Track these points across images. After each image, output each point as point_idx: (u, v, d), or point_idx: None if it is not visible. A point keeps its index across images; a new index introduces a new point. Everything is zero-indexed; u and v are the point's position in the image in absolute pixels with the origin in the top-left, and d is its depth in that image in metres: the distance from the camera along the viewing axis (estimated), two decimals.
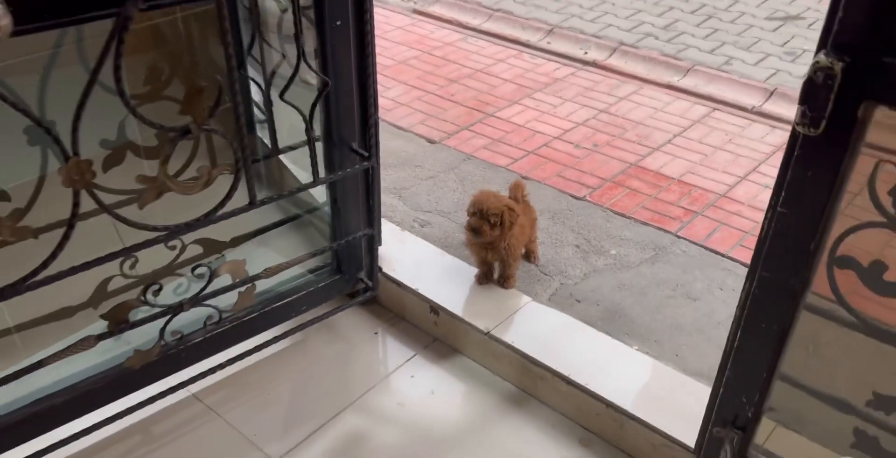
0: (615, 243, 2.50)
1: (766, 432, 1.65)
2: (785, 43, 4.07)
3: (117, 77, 1.35)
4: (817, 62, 1.03)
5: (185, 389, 1.92)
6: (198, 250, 1.90)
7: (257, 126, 2.15)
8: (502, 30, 4.19)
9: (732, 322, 1.45)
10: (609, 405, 1.84)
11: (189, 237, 1.76)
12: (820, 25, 1.07)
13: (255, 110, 2.08)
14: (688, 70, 3.74)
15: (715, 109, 3.41)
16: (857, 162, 1.17)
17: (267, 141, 2.10)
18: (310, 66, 1.66)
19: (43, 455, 1.75)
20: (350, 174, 1.93)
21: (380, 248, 2.20)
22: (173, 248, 1.75)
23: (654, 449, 1.80)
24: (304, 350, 2.14)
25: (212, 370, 1.95)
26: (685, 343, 2.07)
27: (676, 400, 1.84)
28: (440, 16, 4.37)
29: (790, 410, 1.59)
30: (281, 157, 2.19)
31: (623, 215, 2.64)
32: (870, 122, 1.11)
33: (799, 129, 1.12)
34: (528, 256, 2.38)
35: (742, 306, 1.40)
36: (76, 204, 1.46)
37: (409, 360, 2.11)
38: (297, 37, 1.60)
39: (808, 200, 1.22)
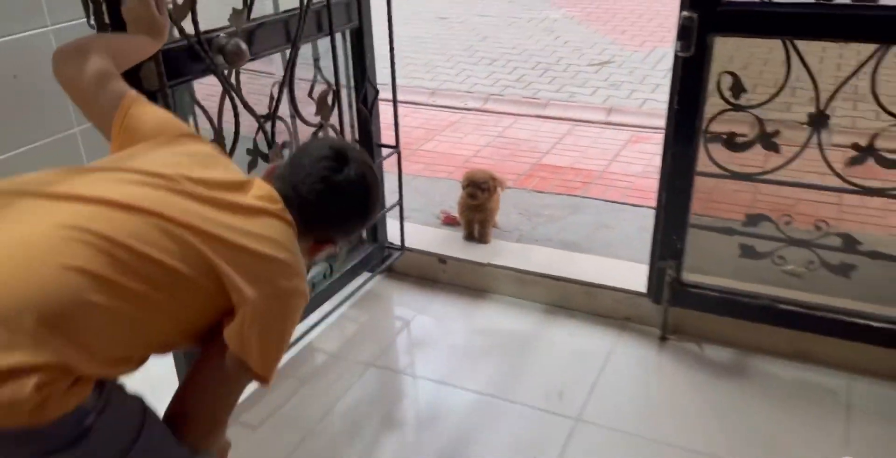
0: (545, 208, 3.37)
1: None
2: (606, 79, 5.24)
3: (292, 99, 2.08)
4: (685, 14, 1.95)
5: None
6: None
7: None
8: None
9: (658, 188, 2.32)
10: (580, 283, 2.64)
11: None
12: (627, 64, 1.89)
13: None
14: (546, 104, 4.77)
15: (575, 125, 4.43)
16: (712, 72, 2.10)
17: None
18: (369, 80, 2.44)
19: None
20: (386, 158, 2.69)
21: None
22: None
23: (618, 303, 2.60)
24: (360, 307, 2.79)
25: (319, 322, 2.56)
26: (617, 251, 2.93)
27: (625, 272, 2.66)
28: None
29: (696, 253, 2.45)
30: None
31: (542, 192, 3.53)
32: (714, 46, 2.04)
33: (680, 54, 2.03)
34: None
35: (662, 174, 2.28)
36: None
37: (433, 298, 2.81)
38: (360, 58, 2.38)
39: (690, 100, 2.13)
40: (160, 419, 1.22)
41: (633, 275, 2.59)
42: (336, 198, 1.34)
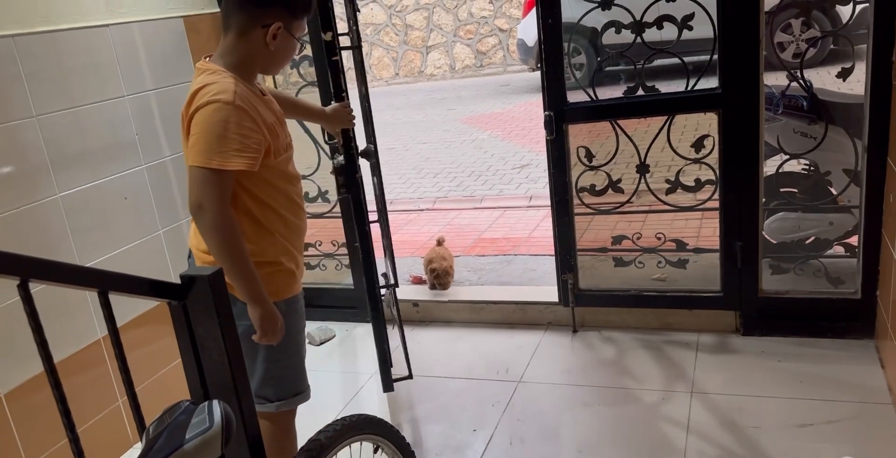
0: (486, 265, 4.34)
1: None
2: (527, 176, 6.38)
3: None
4: (546, 113, 3.04)
5: None
6: None
7: None
8: None
9: (553, 225, 3.32)
10: (515, 303, 3.59)
11: None
12: (541, 165, 2.94)
13: None
14: (481, 199, 5.85)
15: (505, 210, 5.49)
16: (570, 146, 3.16)
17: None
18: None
19: None
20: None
21: None
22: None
23: (541, 313, 3.54)
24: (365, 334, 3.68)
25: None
26: (540, 282, 3.90)
27: (545, 292, 3.61)
28: None
29: (586, 269, 3.43)
30: None
31: (483, 256, 4.51)
32: (568, 130, 3.12)
33: (548, 138, 3.10)
34: None
35: (553, 214, 3.29)
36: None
37: (412, 330, 3.72)
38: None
39: (560, 166, 3.18)
40: None
41: (550, 294, 3.54)
42: None
